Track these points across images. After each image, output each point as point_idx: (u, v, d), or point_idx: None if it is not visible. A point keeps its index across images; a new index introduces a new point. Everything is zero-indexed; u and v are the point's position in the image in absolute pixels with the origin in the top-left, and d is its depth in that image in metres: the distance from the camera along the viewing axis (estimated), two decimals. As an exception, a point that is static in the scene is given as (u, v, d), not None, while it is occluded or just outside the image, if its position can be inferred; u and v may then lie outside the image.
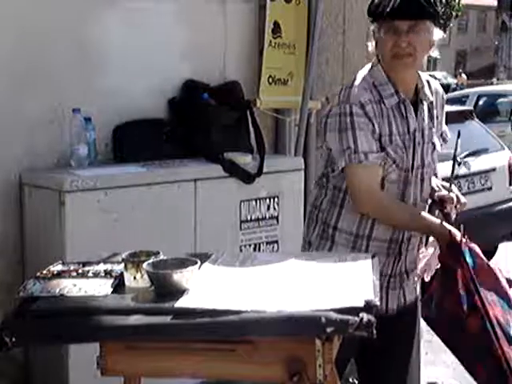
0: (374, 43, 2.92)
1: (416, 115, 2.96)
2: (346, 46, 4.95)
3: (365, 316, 2.10)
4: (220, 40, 4.56)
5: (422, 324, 3.79)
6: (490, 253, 7.93)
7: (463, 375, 5.20)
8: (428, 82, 3.06)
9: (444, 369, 5.36)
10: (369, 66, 2.98)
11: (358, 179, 2.90)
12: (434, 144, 3.03)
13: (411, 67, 2.89)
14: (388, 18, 2.81)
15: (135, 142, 4.16)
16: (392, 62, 2.86)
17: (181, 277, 2.30)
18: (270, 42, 4.58)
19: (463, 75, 44.10)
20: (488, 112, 13.77)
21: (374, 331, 2.12)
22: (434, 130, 3.04)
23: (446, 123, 8.24)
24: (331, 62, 4.92)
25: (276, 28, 4.57)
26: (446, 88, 41.93)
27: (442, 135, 3.16)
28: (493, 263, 3.11)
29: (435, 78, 3.23)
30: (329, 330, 2.10)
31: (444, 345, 3.21)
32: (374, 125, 2.87)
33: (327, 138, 2.94)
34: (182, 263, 2.37)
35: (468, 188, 7.27)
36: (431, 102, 3.04)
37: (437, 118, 3.07)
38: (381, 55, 2.90)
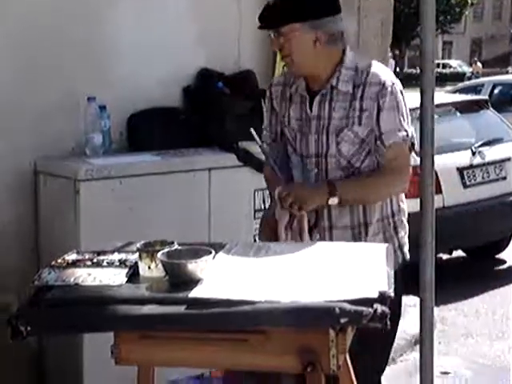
0: None
1: (311, 104, 3.01)
2: (362, 35, 4.93)
3: (379, 307, 2.11)
4: (234, 29, 4.55)
5: (435, 314, 3.79)
6: (504, 242, 7.94)
7: (476, 365, 5.24)
8: (367, 72, 2.98)
9: (457, 358, 5.37)
10: None
11: None
12: (342, 135, 2.97)
13: (293, 66, 3.01)
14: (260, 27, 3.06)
15: (150, 130, 4.16)
16: (282, 60, 3.16)
17: (195, 267, 2.30)
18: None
19: (478, 63, 43.94)
20: (503, 101, 13.71)
21: (389, 322, 2.12)
22: (349, 121, 2.96)
23: (461, 112, 8.14)
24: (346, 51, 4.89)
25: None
26: (461, 76, 41.87)
27: (381, 137, 2.98)
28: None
29: (450, 67, 3.18)
30: (343, 320, 2.10)
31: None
32: (273, 105, 3.18)
33: None
34: (197, 253, 2.37)
35: (483, 178, 7.27)
36: (355, 93, 2.96)
37: (363, 110, 2.95)
38: None
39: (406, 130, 3.01)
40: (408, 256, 3.25)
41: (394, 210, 3.14)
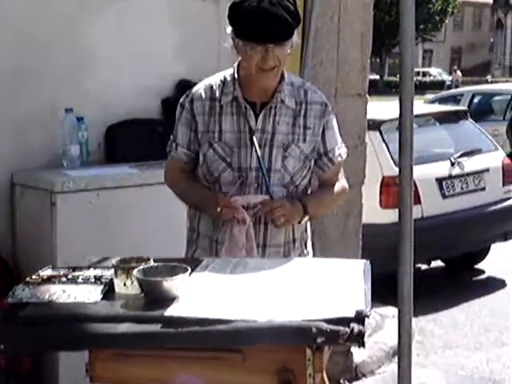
0: (233, 48, 2.89)
1: (257, 116, 2.92)
2: (341, 47, 4.92)
3: (356, 327, 2.10)
4: (214, 39, 4.52)
5: (414, 325, 3.79)
6: (482, 253, 7.97)
7: (454, 377, 5.25)
8: (305, 91, 2.99)
9: (435, 370, 5.37)
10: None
11: (166, 167, 3.19)
12: (289, 151, 2.93)
13: (276, 77, 2.89)
14: (252, 41, 2.80)
15: (128, 142, 4.14)
16: (257, 74, 2.85)
17: (171, 284, 2.29)
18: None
19: (458, 72, 44.17)
20: (483, 111, 13.79)
21: (365, 341, 2.12)
22: (294, 137, 2.93)
23: (440, 123, 8.20)
24: (326, 63, 4.89)
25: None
26: (441, 84, 42.06)
27: (327, 154, 3.02)
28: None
29: (430, 75, 3.17)
30: (319, 340, 2.09)
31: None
32: (196, 121, 2.96)
33: None
34: (173, 270, 2.36)
35: (461, 188, 7.29)
36: (298, 110, 2.95)
37: (307, 127, 2.95)
38: (243, 64, 2.89)
39: (343, 147, 3.10)
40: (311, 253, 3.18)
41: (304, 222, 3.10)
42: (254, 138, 2.88)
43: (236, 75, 2.95)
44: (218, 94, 2.95)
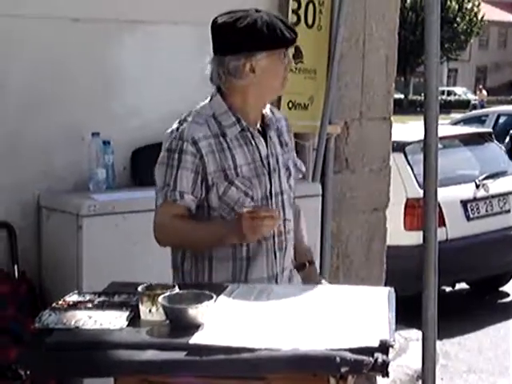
0: (237, 75, 2.78)
1: (266, 141, 2.85)
2: (366, 70, 4.95)
3: (380, 356, 2.10)
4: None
5: (438, 348, 3.77)
6: (507, 276, 7.91)
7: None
8: (271, 109, 2.96)
9: (459, 395, 5.34)
10: (207, 99, 2.93)
11: (161, 218, 2.93)
12: (289, 170, 2.93)
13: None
14: (288, 44, 2.79)
15: (153, 165, 4.15)
16: (283, 84, 2.84)
17: (196, 312, 2.30)
18: (291, 66, 4.57)
19: (484, 91, 43.95)
20: (508, 132, 13.69)
21: (389, 372, 2.12)
22: (285, 156, 2.93)
23: (465, 145, 8.18)
24: (350, 86, 4.91)
25: (297, 53, 4.56)
26: (466, 104, 41.86)
27: (296, 165, 3.04)
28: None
29: (455, 94, 3.16)
30: (343, 369, 2.10)
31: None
32: (204, 163, 2.76)
33: (155, 172, 2.95)
34: (198, 298, 2.37)
35: (486, 211, 7.26)
36: (277, 128, 2.93)
37: (286, 144, 2.96)
38: (266, 84, 2.79)
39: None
40: None
41: None
42: (269, 162, 2.85)
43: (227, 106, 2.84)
44: (218, 130, 2.79)
